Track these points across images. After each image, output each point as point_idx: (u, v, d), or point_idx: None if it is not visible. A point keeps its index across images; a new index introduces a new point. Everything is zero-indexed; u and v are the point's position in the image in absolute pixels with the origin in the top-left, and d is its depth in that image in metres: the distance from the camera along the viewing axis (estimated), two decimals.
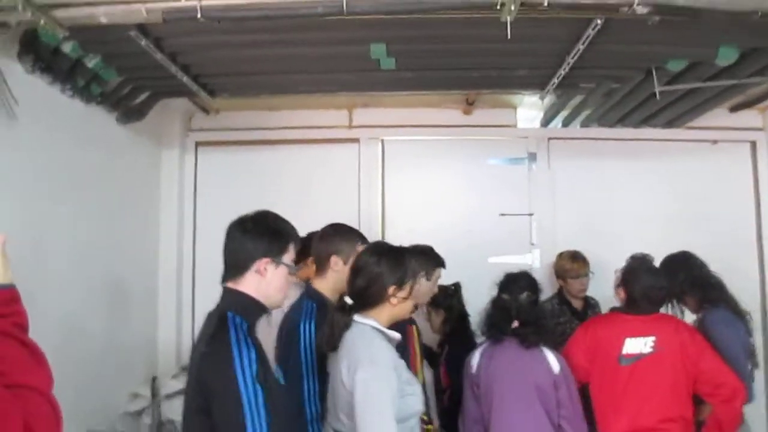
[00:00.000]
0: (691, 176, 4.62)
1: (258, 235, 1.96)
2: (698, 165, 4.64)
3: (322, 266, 2.72)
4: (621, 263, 3.17)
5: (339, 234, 2.81)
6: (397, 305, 2.22)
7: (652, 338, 2.88)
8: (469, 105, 4.54)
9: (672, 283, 3.26)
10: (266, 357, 1.86)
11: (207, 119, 4.67)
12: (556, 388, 2.68)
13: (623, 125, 4.40)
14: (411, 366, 2.94)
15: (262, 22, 2.63)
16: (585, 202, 4.61)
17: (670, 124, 4.37)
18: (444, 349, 3.62)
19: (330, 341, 2.17)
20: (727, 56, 3.12)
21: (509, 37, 2.50)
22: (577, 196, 4.62)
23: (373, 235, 4.50)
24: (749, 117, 4.59)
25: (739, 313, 3.19)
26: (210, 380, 1.74)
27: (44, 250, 3.06)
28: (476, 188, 4.66)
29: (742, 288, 4.44)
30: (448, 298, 3.58)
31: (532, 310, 2.84)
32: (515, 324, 2.80)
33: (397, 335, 2.23)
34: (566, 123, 4.52)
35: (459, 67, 3.41)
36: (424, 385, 3.05)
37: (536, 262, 4.54)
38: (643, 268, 3.01)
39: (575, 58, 3.11)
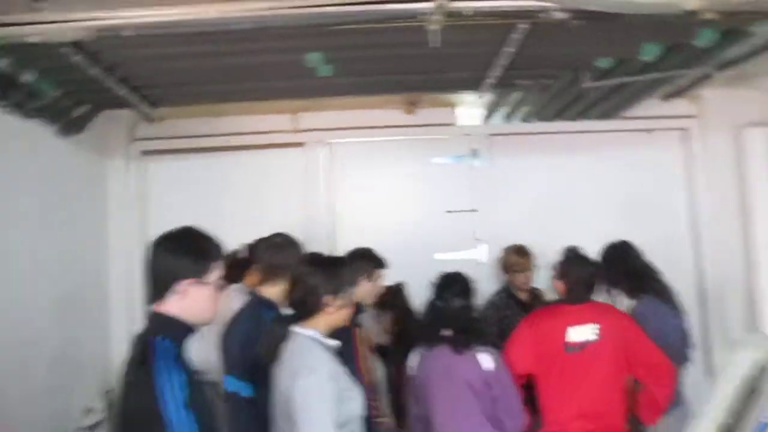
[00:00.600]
0: (628, 166, 4.79)
1: (180, 254, 1.85)
2: (633, 154, 4.81)
3: (271, 275, 2.79)
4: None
5: (290, 246, 2.87)
6: (334, 314, 2.30)
7: (597, 325, 3.01)
8: (411, 105, 4.62)
9: (608, 271, 3.44)
10: (200, 378, 1.85)
11: (152, 128, 4.63)
12: (490, 387, 2.79)
13: (561, 119, 4.56)
14: (357, 367, 3.04)
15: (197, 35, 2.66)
16: (528, 196, 4.74)
17: (605, 115, 4.54)
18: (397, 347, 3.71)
19: (269, 353, 2.24)
20: (650, 53, 3.27)
21: (439, 44, 2.61)
22: (520, 191, 4.75)
23: (323, 238, 4.58)
24: (681, 105, 4.76)
25: (667, 301, 3.35)
26: (136, 410, 1.69)
27: None
28: (422, 187, 4.77)
29: (677, 274, 4.69)
30: (393, 298, 3.67)
31: (464, 317, 2.93)
32: (448, 332, 2.89)
33: (335, 343, 2.31)
34: (507, 119, 4.66)
35: (396, 71, 3.50)
36: (373, 383, 3.16)
37: (482, 257, 4.64)
38: (575, 259, 3.14)
39: (504, 60, 3.23)
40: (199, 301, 1.83)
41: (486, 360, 2.82)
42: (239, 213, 4.51)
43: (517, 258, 4.20)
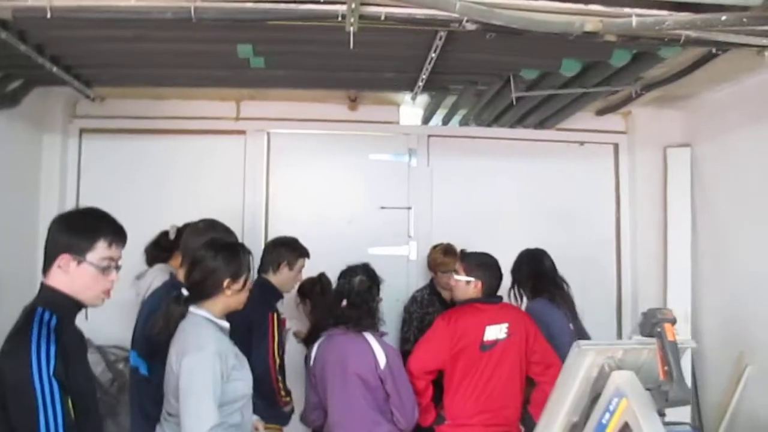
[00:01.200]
0: (560, 175, 4.96)
1: (64, 230, 1.92)
2: (566, 165, 4.97)
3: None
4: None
5: (211, 231, 2.94)
6: (231, 296, 2.41)
7: (506, 324, 3.17)
8: (352, 102, 4.71)
9: (517, 273, 3.67)
10: (77, 352, 1.91)
11: (93, 106, 4.64)
12: (383, 381, 2.91)
13: (498, 125, 4.71)
14: (269, 350, 3.15)
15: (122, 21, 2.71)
16: (461, 197, 4.88)
17: (541, 125, 4.72)
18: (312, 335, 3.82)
19: (164, 331, 2.33)
20: (570, 68, 3.42)
21: (352, 46, 2.70)
22: (453, 192, 4.88)
23: (256, 226, 4.67)
24: (614, 121, 4.96)
25: (559, 305, 3.56)
26: (6, 376, 1.73)
27: None
28: (358, 182, 4.87)
29: (601, 280, 4.92)
30: (313, 287, 3.77)
31: (363, 294, 3.04)
32: (344, 303, 3.01)
33: (226, 324, 2.41)
34: (445, 121, 4.79)
35: (327, 68, 3.59)
36: (283, 367, 3.26)
37: (413, 253, 4.78)
38: (490, 262, 3.30)
39: (431, 63, 3.34)
40: (78, 279, 1.89)
41: (380, 354, 2.92)
42: (177, 196, 4.56)
43: (443, 257, 4.31)
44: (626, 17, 2.53)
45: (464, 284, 3.29)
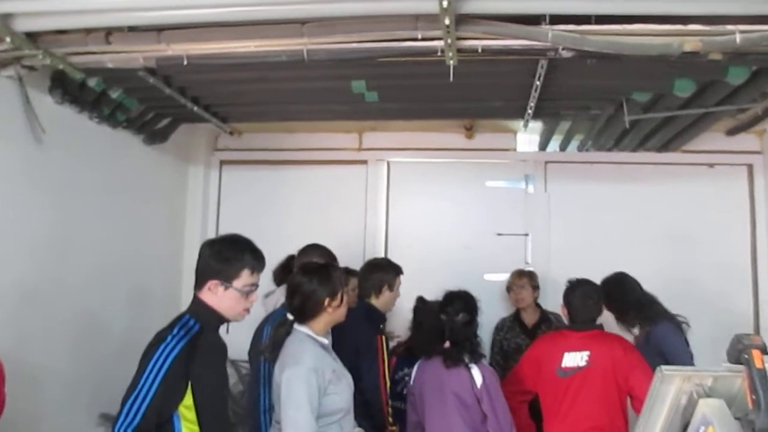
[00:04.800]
0: (687, 200, 4.74)
1: (215, 257, 2.19)
2: (694, 188, 4.76)
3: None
4: None
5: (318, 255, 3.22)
6: (333, 313, 2.59)
7: (587, 353, 3.11)
8: (468, 130, 4.83)
9: (609, 303, 3.50)
10: (215, 359, 2.21)
11: (232, 140, 5.15)
12: (479, 401, 2.93)
13: (618, 149, 4.61)
14: (379, 373, 3.28)
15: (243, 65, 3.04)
16: (579, 223, 4.81)
17: (665, 147, 4.54)
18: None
19: (272, 354, 2.56)
20: (683, 88, 3.32)
21: (452, 78, 2.84)
22: (571, 218, 4.83)
23: (377, 251, 4.89)
24: (746, 140, 4.69)
25: (679, 325, 3.42)
26: (142, 356, 2.06)
27: (72, 254, 3.57)
28: (475, 208, 4.95)
29: (732, 308, 4.61)
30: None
31: (464, 331, 3.07)
32: (446, 344, 3.05)
33: (325, 340, 2.59)
34: (562, 147, 4.76)
35: (436, 99, 3.74)
36: (390, 389, 3.38)
37: None
38: (578, 289, 3.25)
39: (537, 91, 3.39)
40: (225, 301, 2.18)
41: (477, 374, 2.95)
42: (305, 222, 4.88)
43: (514, 279, 4.39)
44: (729, 34, 2.46)
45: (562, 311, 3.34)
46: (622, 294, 3.57)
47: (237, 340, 3.65)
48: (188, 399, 2.05)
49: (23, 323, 3.18)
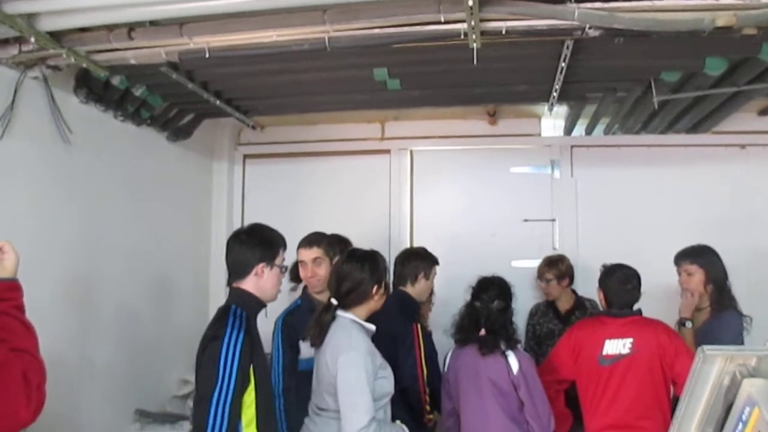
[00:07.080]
0: (718, 182, 4.64)
1: (253, 245, 2.36)
2: (725, 170, 4.65)
3: None
4: (643, 269, 3.27)
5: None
6: (377, 301, 2.64)
7: (630, 340, 3.03)
8: (491, 116, 4.77)
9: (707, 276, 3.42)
10: (259, 345, 2.30)
11: (254, 134, 5.14)
12: (516, 388, 2.90)
13: (647, 132, 4.53)
14: (416, 361, 3.26)
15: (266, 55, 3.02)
16: (607, 207, 4.73)
17: (694, 129, 4.44)
18: None
19: (317, 339, 2.57)
20: (714, 67, 3.24)
21: (476, 61, 2.80)
22: (599, 202, 4.75)
23: (402, 239, 4.87)
24: None
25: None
26: (207, 352, 2.17)
27: (102, 251, 3.60)
28: (501, 195, 4.88)
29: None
30: None
31: (500, 318, 3.03)
32: (482, 332, 3.02)
33: (372, 327, 2.61)
34: (588, 131, 4.69)
35: (459, 84, 3.69)
36: (426, 377, 3.35)
37: None
38: (615, 274, 3.17)
39: (562, 73, 3.33)
40: (269, 280, 2.36)
41: (513, 361, 2.92)
42: (329, 212, 4.85)
43: (543, 266, 4.33)
44: (764, 8, 2.38)
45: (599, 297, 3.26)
46: (721, 267, 3.44)
47: (263, 332, 3.70)
48: (251, 386, 2.18)
49: (61, 321, 3.21)
